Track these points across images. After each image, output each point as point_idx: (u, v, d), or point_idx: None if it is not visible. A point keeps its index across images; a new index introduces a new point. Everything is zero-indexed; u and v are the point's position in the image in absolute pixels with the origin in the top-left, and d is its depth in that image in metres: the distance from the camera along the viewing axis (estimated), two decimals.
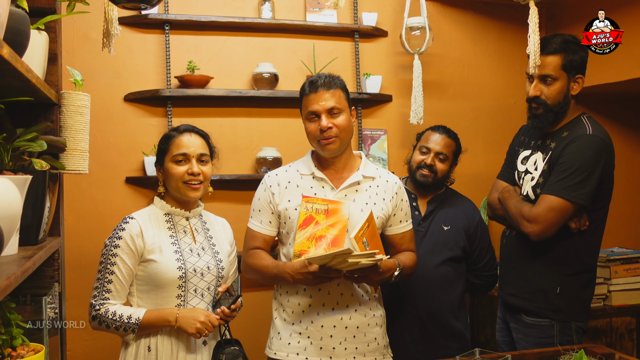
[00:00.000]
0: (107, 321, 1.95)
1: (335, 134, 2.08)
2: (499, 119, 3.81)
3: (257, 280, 2.18)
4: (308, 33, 3.45)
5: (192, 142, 2.10)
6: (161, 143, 2.14)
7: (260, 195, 2.22)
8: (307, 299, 2.10)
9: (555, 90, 2.31)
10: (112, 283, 1.98)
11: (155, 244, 2.03)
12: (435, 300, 2.53)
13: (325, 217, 2.03)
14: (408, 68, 3.52)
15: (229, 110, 3.34)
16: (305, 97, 2.12)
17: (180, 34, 3.26)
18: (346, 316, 2.10)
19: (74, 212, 3.09)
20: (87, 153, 1.69)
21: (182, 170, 2.07)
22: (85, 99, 1.67)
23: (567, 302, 2.31)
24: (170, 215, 2.13)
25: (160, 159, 2.13)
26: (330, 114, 2.07)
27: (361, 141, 3.51)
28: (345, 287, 2.12)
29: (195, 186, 2.09)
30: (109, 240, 2.02)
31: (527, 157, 2.47)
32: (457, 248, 2.58)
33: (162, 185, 2.14)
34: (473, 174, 3.70)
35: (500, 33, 3.81)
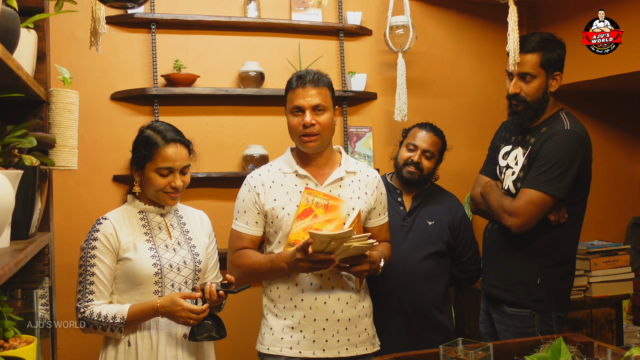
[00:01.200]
0: (94, 323, 1.98)
1: (317, 131, 2.09)
2: (481, 116, 3.87)
3: (248, 281, 2.15)
4: (293, 32, 3.49)
5: (178, 155, 2.08)
6: (144, 148, 2.08)
7: (244, 197, 2.21)
8: (300, 294, 2.12)
9: (534, 88, 2.37)
10: (94, 284, 2.01)
11: (129, 242, 2.05)
12: (420, 294, 2.58)
13: (324, 211, 2.04)
14: (392, 66, 3.57)
15: (215, 109, 3.37)
16: (292, 91, 2.13)
17: (166, 33, 3.28)
18: (338, 309, 2.14)
19: (62, 211, 3.10)
20: (76, 150, 1.71)
21: (165, 182, 2.07)
22: (74, 97, 1.69)
23: (547, 293, 2.38)
24: (145, 212, 2.15)
25: (140, 164, 2.09)
26: (314, 111, 2.09)
27: (347, 138, 3.55)
28: (336, 280, 2.16)
29: (174, 195, 2.11)
30: (86, 243, 2.04)
31: (508, 152, 2.53)
32: (441, 243, 2.64)
33: (139, 186, 2.13)
34: (456, 170, 3.76)
35: (483, 32, 3.87)
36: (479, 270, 2.78)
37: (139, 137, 2.15)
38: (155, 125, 2.15)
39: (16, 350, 1.32)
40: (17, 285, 1.60)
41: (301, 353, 2.11)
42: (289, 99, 2.16)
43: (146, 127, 2.16)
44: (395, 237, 2.57)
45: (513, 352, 2.02)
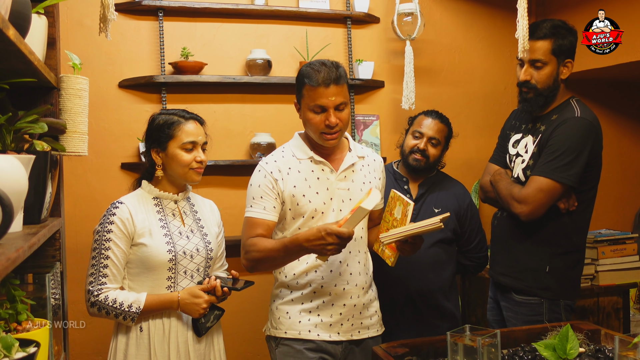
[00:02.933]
0: (107, 308, 1.99)
1: (339, 129, 2.08)
2: (489, 105, 3.86)
3: (262, 268, 2.13)
4: (301, 19, 3.48)
5: (199, 131, 2.16)
6: (165, 127, 2.11)
7: (260, 182, 2.12)
8: (320, 280, 2.13)
9: (545, 75, 2.36)
10: (108, 267, 2.02)
11: (145, 228, 2.07)
12: (426, 281, 2.59)
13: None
14: (400, 54, 3.56)
15: (222, 97, 3.37)
16: (313, 89, 2.03)
17: (174, 20, 3.28)
18: (355, 294, 2.17)
19: (70, 197, 3.12)
20: (86, 136, 1.72)
21: (191, 157, 2.12)
22: (84, 83, 1.70)
23: (555, 281, 2.38)
24: (159, 199, 2.17)
25: (162, 144, 2.12)
26: (336, 110, 2.06)
27: (354, 126, 3.55)
28: (354, 266, 2.17)
29: (201, 170, 2.16)
30: (101, 227, 2.05)
31: (518, 140, 2.52)
32: (448, 230, 2.64)
33: (161, 169, 2.15)
34: (464, 158, 3.76)
35: (491, 19, 3.85)
36: (486, 258, 2.78)
37: (154, 123, 2.17)
38: (167, 110, 2.21)
39: (30, 332, 1.33)
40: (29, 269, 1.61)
41: (319, 336, 2.13)
42: (308, 96, 2.06)
43: (158, 114, 2.20)
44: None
45: (520, 339, 2.03)
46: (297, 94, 2.15)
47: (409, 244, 2.02)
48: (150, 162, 2.16)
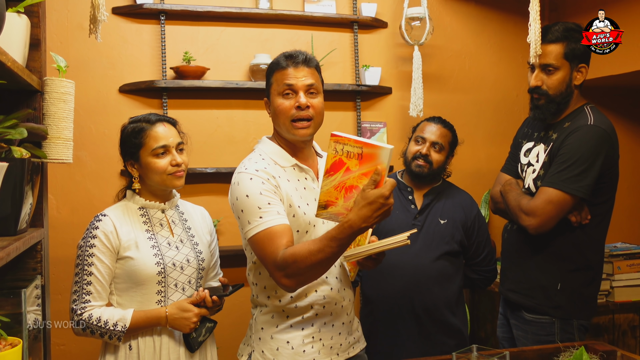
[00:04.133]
0: (92, 327, 1.90)
1: (311, 115, 1.89)
2: (501, 112, 3.75)
3: (313, 279, 1.78)
4: (306, 24, 3.40)
5: (169, 132, 2.03)
6: (132, 137, 2.01)
7: (260, 189, 1.81)
8: (321, 300, 1.93)
9: (557, 80, 2.25)
10: (92, 284, 1.92)
11: (130, 240, 1.97)
12: (432, 295, 2.48)
13: (357, 162, 1.63)
14: (408, 60, 3.46)
15: (225, 102, 3.29)
16: (280, 71, 1.89)
17: (176, 24, 3.21)
18: (349, 309, 2.04)
19: (68, 205, 3.06)
20: (71, 142, 1.64)
21: (165, 162, 2.00)
22: (69, 86, 1.61)
23: (568, 299, 2.25)
24: (145, 208, 2.07)
25: (134, 154, 2.02)
26: (307, 93, 1.89)
27: (360, 134, 3.45)
28: (345, 279, 2.03)
29: (180, 174, 2.04)
30: (83, 241, 1.96)
31: (529, 149, 2.41)
32: (454, 242, 2.53)
33: (138, 182, 2.05)
34: (474, 168, 3.65)
35: (502, 24, 3.75)
36: (495, 272, 2.67)
37: (123, 134, 2.07)
38: (134, 118, 2.09)
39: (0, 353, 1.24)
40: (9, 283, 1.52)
41: None
42: (276, 80, 1.90)
43: (127, 123, 2.09)
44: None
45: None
46: (266, 89, 1.99)
47: (371, 260, 1.88)
48: (130, 175, 2.08)
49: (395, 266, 2.47)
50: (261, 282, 1.96)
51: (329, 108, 3.42)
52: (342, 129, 3.44)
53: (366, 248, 1.77)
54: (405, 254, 2.45)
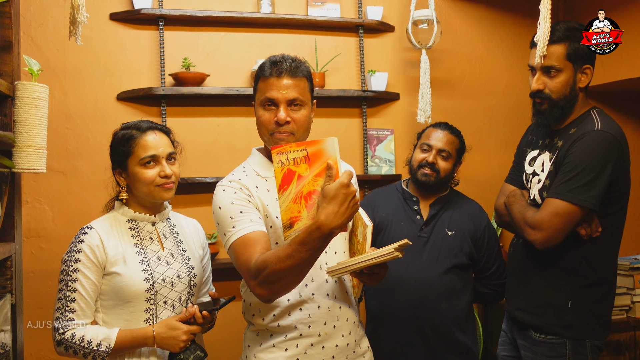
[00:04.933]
0: (74, 347, 1.78)
1: (291, 130, 1.77)
2: (513, 119, 3.60)
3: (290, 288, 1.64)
4: (310, 28, 3.29)
5: (159, 142, 1.92)
6: (120, 144, 1.92)
7: (232, 199, 1.74)
8: (306, 319, 1.79)
9: (560, 83, 2.11)
10: (76, 301, 1.81)
11: (118, 255, 1.86)
12: (439, 312, 2.33)
13: (307, 166, 1.55)
14: (416, 65, 3.34)
15: (226, 110, 3.19)
16: (264, 80, 1.78)
17: (175, 29, 3.13)
18: (346, 331, 1.87)
19: (64, 216, 2.97)
20: (44, 150, 1.54)
21: (153, 173, 1.89)
22: (41, 91, 1.52)
23: (579, 318, 2.09)
24: (134, 221, 1.96)
25: (122, 162, 1.93)
26: (290, 106, 1.78)
27: (366, 141, 3.33)
28: (342, 296, 1.88)
29: (169, 186, 1.92)
30: (68, 255, 1.85)
31: (534, 157, 2.27)
32: (463, 255, 2.39)
33: (126, 191, 1.95)
34: (486, 176, 3.50)
35: (514, 27, 3.61)
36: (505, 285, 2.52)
37: (113, 140, 1.98)
38: (126, 124, 1.99)
39: None
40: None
41: None
42: (260, 89, 1.80)
43: (118, 130, 2.00)
44: (411, 249, 2.33)
45: None
46: (253, 93, 1.88)
47: (365, 275, 1.74)
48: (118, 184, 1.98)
49: (401, 280, 2.34)
50: (247, 298, 1.86)
51: (333, 115, 3.32)
52: (347, 136, 3.33)
53: (350, 262, 1.64)
54: (411, 267, 2.32)
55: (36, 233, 2.93)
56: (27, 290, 2.87)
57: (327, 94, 3.20)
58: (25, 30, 2.93)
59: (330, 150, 1.54)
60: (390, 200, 2.52)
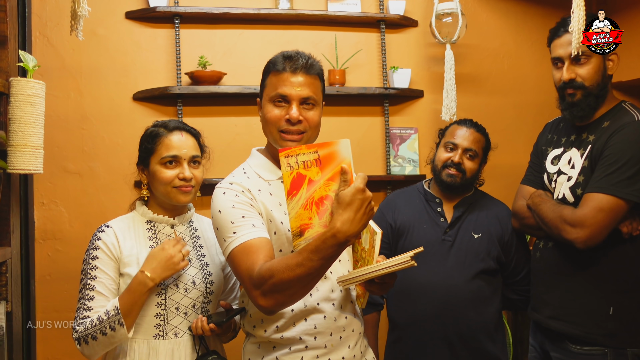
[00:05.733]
0: (91, 333, 1.71)
1: (303, 129, 1.68)
2: (544, 116, 3.39)
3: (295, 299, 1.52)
4: (329, 24, 3.19)
5: (184, 143, 1.88)
6: (146, 141, 1.91)
7: (233, 202, 1.63)
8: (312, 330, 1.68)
9: (592, 69, 2.03)
10: (94, 300, 1.75)
11: (131, 256, 1.81)
12: (467, 320, 2.20)
13: (319, 169, 1.45)
14: (440, 60, 3.21)
15: (244, 109, 3.10)
16: (276, 75, 1.69)
17: (191, 28, 3.06)
18: (353, 342, 1.76)
19: (80, 218, 2.92)
20: (40, 150, 1.47)
21: (172, 174, 1.85)
22: (37, 87, 1.44)
23: (622, 325, 1.95)
24: (153, 222, 1.91)
25: (145, 159, 1.90)
26: (302, 105, 1.68)
27: (388, 140, 3.21)
28: (348, 306, 1.77)
29: (187, 189, 1.87)
30: (86, 254, 1.82)
31: (558, 155, 2.15)
32: (490, 259, 2.25)
33: (147, 189, 1.92)
34: (515, 175, 3.32)
35: (545, 20, 3.44)
36: None
37: (142, 136, 1.95)
38: (157, 121, 1.96)
39: None
40: None
41: None
42: (270, 84, 1.71)
43: (149, 126, 1.97)
44: (435, 253, 2.21)
45: None
46: (260, 88, 1.79)
47: (375, 284, 1.63)
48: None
49: (425, 287, 2.21)
50: (248, 309, 1.76)
51: (354, 113, 3.21)
52: (369, 136, 3.22)
53: (362, 272, 1.53)
54: (436, 273, 2.20)
55: (52, 235, 2.89)
56: (43, 293, 2.85)
57: (347, 92, 3.10)
58: (41, 30, 2.90)
59: (344, 152, 1.45)
60: (411, 203, 2.39)
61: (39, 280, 2.84)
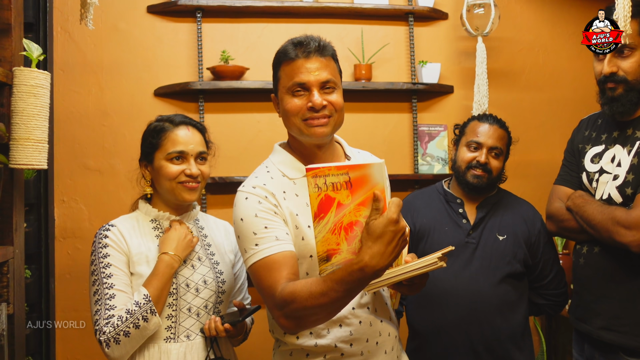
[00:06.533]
0: (122, 330, 1.62)
1: (329, 113, 1.57)
2: (582, 113, 3.20)
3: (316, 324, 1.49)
4: (355, 17, 3.09)
5: (191, 138, 1.81)
6: (150, 136, 1.84)
7: (256, 210, 1.54)
8: (347, 336, 1.59)
9: (635, 62, 1.87)
10: (115, 297, 1.67)
11: (141, 254, 1.74)
12: (493, 327, 2.07)
13: (349, 192, 1.34)
14: (471, 54, 3.08)
15: (267, 105, 3.01)
16: (290, 63, 1.58)
17: (213, 21, 2.99)
18: (389, 346, 1.67)
19: (101, 216, 2.88)
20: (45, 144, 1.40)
21: (178, 169, 1.78)
22: (41, 78, 1.38)
23: None
24: (158, 221, 1.84)
25: (149, 155, 1.83)
26: (323, 89, 1.57)
27: (416, 138, 3.09)
28: (382, 309, 1.68)
29: (192, 186, 1.79)
30: (94, 255, 1.74)
31: (598, 153, 2.01)
32: (517, 262, 2.12)
33: (150, 185, 1.84)
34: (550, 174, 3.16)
35: (582, 12, 3.29)
36: (565, 296, 2.25)
37: (145, 131, 1.89)
38: (161, 116, 1.89)
39: None
40: None
41: None
42: (284, 75, 1.60)
43: (152, 121, 1.90)
44: (458, 256, 2.08)
45: None
46: (273, 83, 1.69)
47: (404, 286, 1.52)
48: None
49: (448, 293, 2.09)
50: None
51: (381, 110, 3.10)
52: (396, 133, 3.11)
53: (388, 274, 1.42)
54: (460, 278, 2.08)
55: (72, 233, 2.85)
56: (63, 292, 2.82)
57: (374, 87, 2.99)
58: (63, 25, 2.86)
59: (377, 176, 1.33)
60: (431, 204, 2.27)
61: (59, 279, 2.80)
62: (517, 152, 2.44)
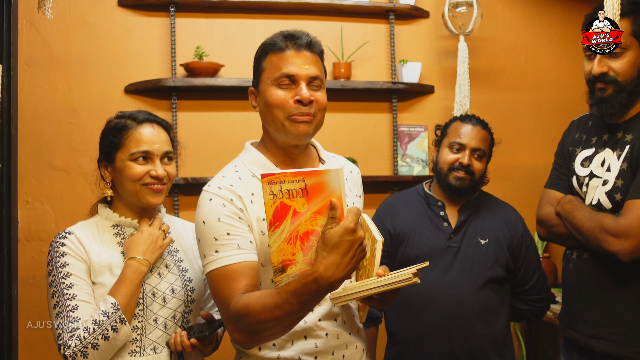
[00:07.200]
0: (90, 342, 1.50)
1: (314, 112, 1.50)
2: (564, 113, 3.23)
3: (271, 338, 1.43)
4: (335, 14, 3.03)
5: (156, 137, 1.68)
6: (111, 134, 1.69)
7: (219, 214, 1.45)
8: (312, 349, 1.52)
9: (626, 63, 1.81)
10: (78, 308, 1.53)
11: (102, 262, 1.61)
12: (474, 333, 2.01)
13: (305, 200, 1.29)
14: (453, 54, 3.02)
15: (242, 103, 2.93)
16: (278, 54, 1.50)
17: (187, 16, 2.90)
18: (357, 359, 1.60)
19: (67, 217, 2.77)
20: None
21: (143, 170, 1.65)
22: None
23: None
24: (120, 226, 1.71)
25: (109, 155, 1.69)
26: (310, 85, 1.50)
27: (396, 139, 3.02)
28: (351, 322, 1.61)
29: (158, 188, 1.67)
30: (51, 265, 1.60)
31: (588, 157, 1.95)
32: (499, 266, 2.06)
33: (110, 187, 1.71)
34: (531, 177, 3.16)
35: (564, 13, 3.27)
36: (547, 301, 2.20)
37: (104, 129, 1.73)
38: (122, 113, 1.75)
39: None
40: None
41: None
42: (271, 65, 1.51)
43: (112, 117, 1.75)
44: (440, 260, 2.02)
45: None
46: (254, 75, 1.60)
47: (374, 300, 1.46)
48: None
49: (429, 298, 2.02)
50: None
51: (360, 109, 3.03)
52: (375, 133, 3.04)
53: (357, 288, 1.35)
54: (441, 282, 2.02)
55: (37, 236, 2.73)
56: (27, 297, 2.69)
57: (353, 86, 2.91)
58: (28, 17, 2.74)
59: (335, 183, 1.27)
60: (411, 207, 2.20)
61: (22, 284, 2.68)
62: (498, 154, 2.40)
